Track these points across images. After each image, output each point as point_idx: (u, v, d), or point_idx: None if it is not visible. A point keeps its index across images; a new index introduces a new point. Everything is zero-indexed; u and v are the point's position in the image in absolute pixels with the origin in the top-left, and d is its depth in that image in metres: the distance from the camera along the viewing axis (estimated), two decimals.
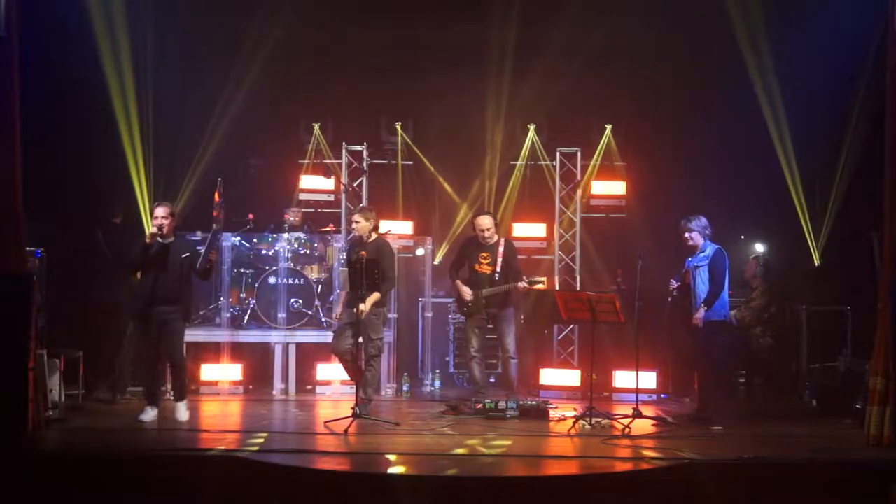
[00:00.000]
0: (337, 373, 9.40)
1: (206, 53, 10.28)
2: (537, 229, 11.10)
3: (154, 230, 8.00)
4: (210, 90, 10.38)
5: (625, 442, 7.57)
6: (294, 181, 10.96)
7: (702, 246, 8.34)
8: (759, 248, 10.53)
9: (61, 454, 6.99)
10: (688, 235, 8.37)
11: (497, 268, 8.84)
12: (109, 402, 8.95)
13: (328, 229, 10.35)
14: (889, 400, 7.25)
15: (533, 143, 11.11)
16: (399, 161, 11.18)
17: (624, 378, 9.62)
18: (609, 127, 11.02)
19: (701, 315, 8.17)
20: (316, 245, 10.42)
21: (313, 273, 10.26)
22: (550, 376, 10.06)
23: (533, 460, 7.10)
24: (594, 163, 11.03)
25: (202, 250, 8.20)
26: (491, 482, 6.43)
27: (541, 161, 11.15)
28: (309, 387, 9.89)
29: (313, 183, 10.91)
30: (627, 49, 10.66)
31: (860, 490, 6.54)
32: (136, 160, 9.84)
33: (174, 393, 8.29)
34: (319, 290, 10.15)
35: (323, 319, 10.07)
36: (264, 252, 10.25)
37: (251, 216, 9.97)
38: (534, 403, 8.78)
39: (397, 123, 11.10)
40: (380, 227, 9.16)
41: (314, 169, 10.94)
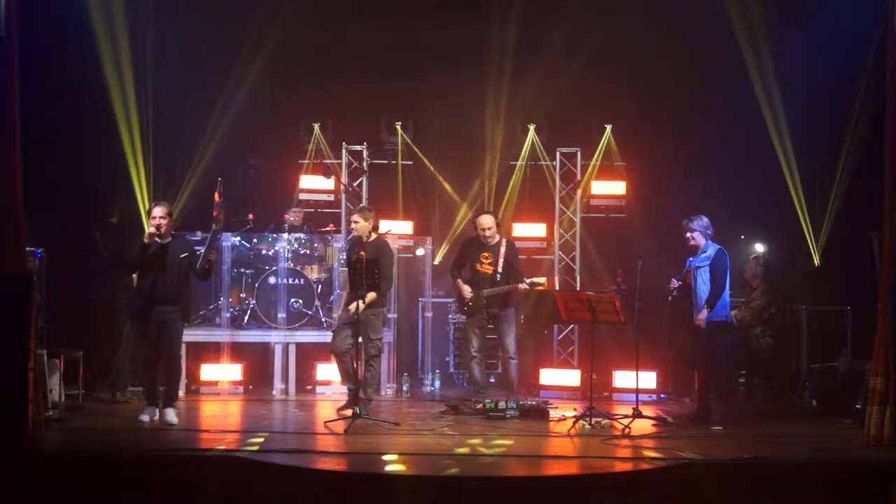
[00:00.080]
0: (337, 373, 9.37)
1: (206, 53, 10.29)
2: (537, 229, 11.09)
3: (152, 230, 7.98)
4: (210, 90, 10.38)
5: (625, 442, 7.58)
6: (294, 181, 10.96)
7: (703, 246, 8.33)
8: (759, 248, 10.52)
9: (61, 454, 6.98)
10: (689, 235, 8.35)
11: (498, 268, 8.84)
12: (109, 402, 8.95)
13: (328, 229, 10.34)
14: (889, 400, 7.25)
15: (533, 143, 11.11)
16: (399, 161, 11.18)
17: (624, 378, 9.62)
18: (609, 127, 11.02)
19: (704, 316, 8.18)
20: (316, 245, 10.42)
21: (313, 273, 10.26)
22: (550, 376, 10.07)
23: (533, 460, 7.10)
24: (594, 163, 11.03)
25: (201, 250, 8.19)
26: (491, 482, 6.43)
27: (541, 161, 11.15)
28: (309, 387, 9.89)
29: (313, 183, 10.91)
30: (627, 49, 10.66)
31: (860, 490, 6.54)
32: (136, 160, 9.86)
33: (164, 397, 8.09)
34: (319, 290, 10.15)
35: (323, 319, 10.07)
36: (264, 252, 10.25)
37: (251, 216, 9.99)
38: (534, 403, 8.78)
39: (397, 123, 11.10)
40: (380, 227, 9.16)
41: (314, 169, 10.94)
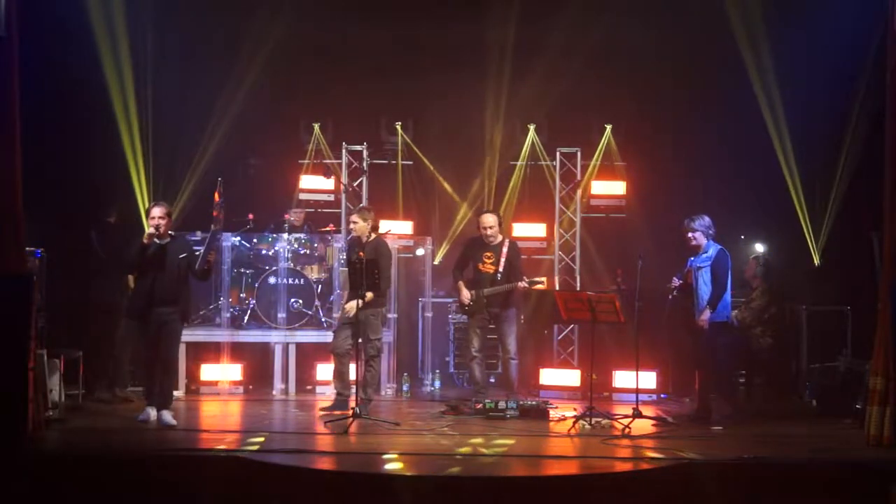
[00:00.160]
0: None
1: (206, 53, 10.28)
2: (537, 229, 11.08)
3: (151, 231, 7.94)
4: (210, 90, 10.37)
5: (625, 442, 7.58)
6: (294, 181, 10.95)
7: (705, 246, 8.32)
8: (759, 248, 10.51)
9: (61, 454, 6.98)
10: (691, 235, 8.34)
11: (500, 267, 8.84)
12: (109, 402, 8.94)
13: (328, 229, 10.34)
14: (889, 400, 7.25)
15: (533, 143, 11.10)
16: (399, 161, 11.17)
17: (624, 378, 9.62)
18: (609, 127, 11.01)
19: (706, 317, 8.17)
20: (316, 245, 10.41)
21: (313, 273, 10.25)
22: (550, 376, 10.06)
23: (533, 460, 7.10)
24: (594, 163, 11.03)
25: (201, 250, 8.16)
26: (491, 482, 6.43)
27: (541, 161, 11.14)
28: (309, 387, 9.88)
29: (313, 183, 10.90)
30: (627, 49, 10.65)
31: (860, 490, 6.54)
32: (136, 160, 9.84)
33: (159, 399, 7.97)
34: (319, 290, 10.15)
35: (323, 319, 10.07)
36: (264, 252, 10.25)
37: (251, 216, 9.99)
38: (534, 403, 8.78)
39: (397, 123, 11.09)
40: (380, 227, 9.16)
41: (314, 169, 10.93)
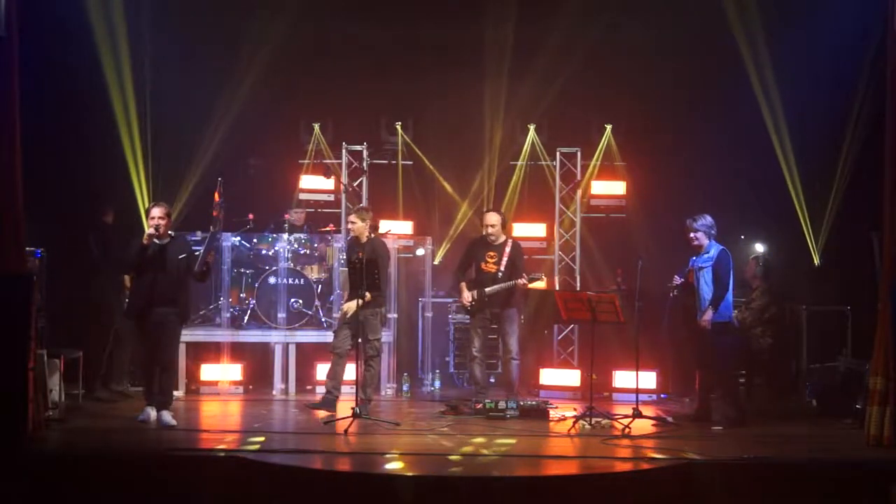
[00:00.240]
0: None
1: (206, 53, 10.28)
2: (537, 229, 11.08)
3: (151, 231, 7.91)
4: (210, 90, 10.36)
5: (625, 442, 7.57)
6: (294, 181, 10.95)
7: (706, 246, 8.31)
8: (759, 248, 10.52)
9: (61, 454, 6.98)
10: (693, 235, 8.34)
11: (501, 267, 8.84)
12: (109, 401, 8.95)
13: (328, 229, 10.34)
14: (889, 400, 7.25)
15: (533, 143, 11.10)
16: (399, 161, 11.17)
17: (624, 378, 9.62)
18: (609, 127, 11.01)
19: (709, 317, 8.16)
20: (316, 245, 10.41)
21: (313, 273, 10.25)
22: (550, 376, 10.07)
23: (533, 460, 7.10)
24: (594, 163, 11.03)
25: (200, 250, 8.14)
26: (491, 482, 6.42)
27: (541, 161, 11.14)
28: (309, 387, 9.88)
29: (313, 183, 10.90)
30: (627, 49, 10.65)
31: (860, 490, 6.54)
32: (136, 160, 9.84)
33: (160, 399, 7.96)
34: (319, 290, 10.14)
35: (323, 319, 10.07)
36: (264, 252, 10.25)
37: (251, 216, 9.99)
38: (534, 403, 8.78)
39: (397, 123, 11.10)
40: (380, 227, 9.15)
41: (314, 169, 10.92)
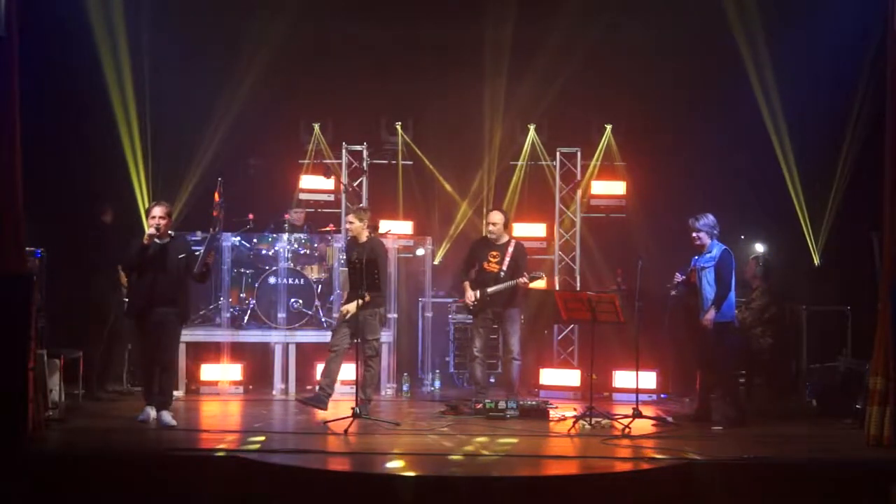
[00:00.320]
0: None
1: (206, 53, 10.29)
2: (537, 229, 11.08)
3: (151, 231, 7.89)
4: (210, 90, 10.37)
5: (625, 442, 7.57)
6: (294, 181, 10.96)
7: (709, 246, 8.30)
8: (759, 248, 10.52)
9: (61, 454, 6.98)
10: (695, 235, 8.33)
11: (504, 266, 8.85)
12: (109, 401, 8.95)
13: (328, 229, 10.34)
14: (889, 400, 7.25)
15: (533, 143, 11.10)
16: (399, 161, 11.17)
17: (624, 378, 9.62)
18: (609, 127, 11.02)
19: (711, 316, 8.15)
20: (316, 245, 10.41)
21: (313, 273, 10.25)
22: (550, 376, 10.07)
23: (533, 460, 7.10)
24: (594, 163, 11.03)
25: (200, 250, 8.13)
26: (491, 482, 6.42)
27: (541, 161, 11.15)
28: (309, 387, 9.85)
29: (313, 183, 10.90)
30: (627, 49, 10.66)
31: (860, 490, 6.54)
32: (136, 160, 9.85)
33: (160, 399, 7.94)
34: (319, 290, 10.14)
35: (323, 319, 10.06)
36: (264, 252, 10.25)
37: (251, 216, 9.99)
38: (534, 403, 8.78)
39: (397, 123, 11.10)
40: (380, 228, 9.15)
41: (314, 169, 10.93)
